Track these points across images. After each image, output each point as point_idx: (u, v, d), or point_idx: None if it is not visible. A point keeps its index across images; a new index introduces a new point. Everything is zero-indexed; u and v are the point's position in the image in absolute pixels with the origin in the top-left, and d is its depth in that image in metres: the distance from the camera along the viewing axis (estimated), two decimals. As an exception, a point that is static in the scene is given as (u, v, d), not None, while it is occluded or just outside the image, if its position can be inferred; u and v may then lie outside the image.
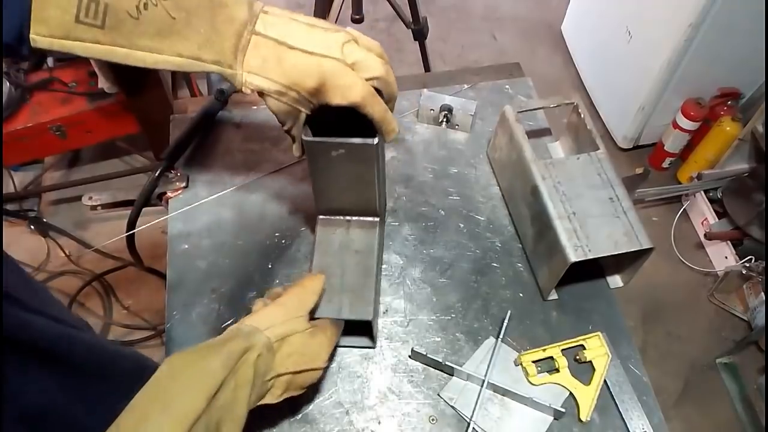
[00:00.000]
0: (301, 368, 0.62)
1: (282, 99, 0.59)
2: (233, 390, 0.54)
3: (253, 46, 0.57)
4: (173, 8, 0.54)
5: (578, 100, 0.89)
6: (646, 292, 1.87)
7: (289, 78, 0.58)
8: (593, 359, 0.77)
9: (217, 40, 0.55)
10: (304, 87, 0.58)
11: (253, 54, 0.57)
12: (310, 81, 0.58)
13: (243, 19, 0.56)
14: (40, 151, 1.84)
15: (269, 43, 0.57)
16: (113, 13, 0.51)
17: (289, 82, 0.58)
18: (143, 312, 1.80)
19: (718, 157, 1.98)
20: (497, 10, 2.74)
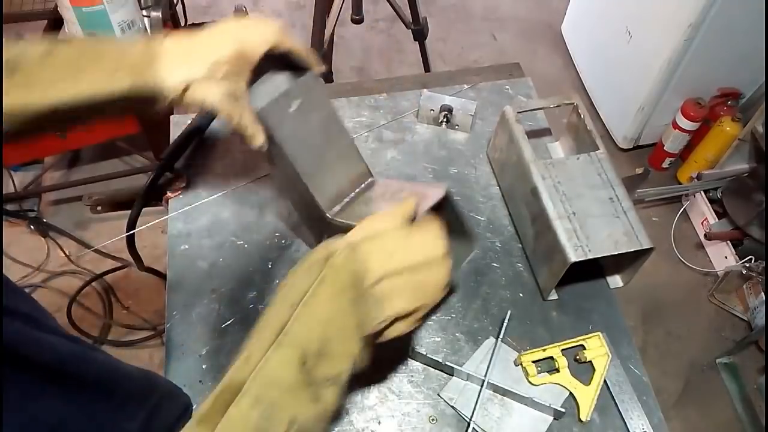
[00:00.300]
0: (414, 263, 0.52)
1: (215, 76, 0.58)
2: (330, 300, 0.48)
3: (163, 53, 0.57)
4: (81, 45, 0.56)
5: (578, 101, 0.89)
6: (646, 292, 1.87)
7: (206, 57, 0.58)
8: (593, 359, 0.77)
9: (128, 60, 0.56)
10: (224, 57, 0.58)
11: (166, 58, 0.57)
12: (225, 48, 0.58)
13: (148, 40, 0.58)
14: (40, 151, 1.84)
15: (172, 42, 0.58)
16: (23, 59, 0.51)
17: (208, 60, 0.57)
18: (143, 312, 1.80)
19: (718, 158, 1.99)
20: (497, 11, 2.74)
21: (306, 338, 0.47)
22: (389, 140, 1.00)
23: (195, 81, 0.57)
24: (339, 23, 1.63)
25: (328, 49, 1.78)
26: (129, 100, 0.56)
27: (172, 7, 1.86)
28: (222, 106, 0.59)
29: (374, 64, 2.52)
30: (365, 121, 1.02)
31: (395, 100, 1.05)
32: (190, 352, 0.78)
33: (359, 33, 2.56)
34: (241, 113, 0.60)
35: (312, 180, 0.68)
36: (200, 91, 0.58)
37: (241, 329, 0.79)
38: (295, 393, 0.45)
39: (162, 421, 0.61)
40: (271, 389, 0.45)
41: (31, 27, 1.98)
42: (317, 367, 0.46)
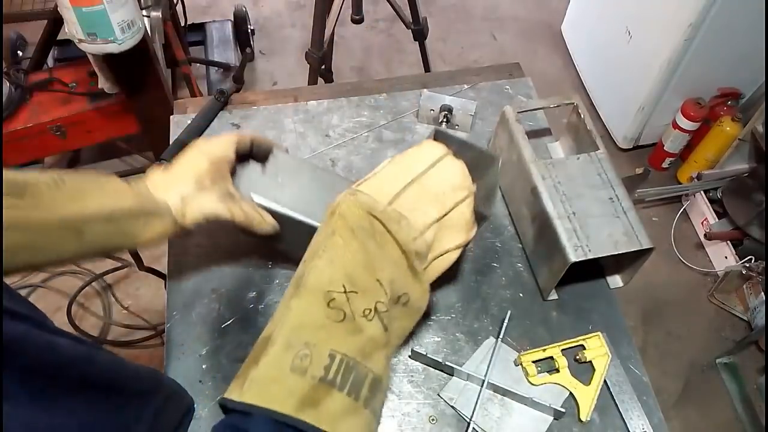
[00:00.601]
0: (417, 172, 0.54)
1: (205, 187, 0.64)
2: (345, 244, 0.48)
3: (152, 187, 0.64)
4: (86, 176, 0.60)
5: (578, 101, 0.89)
6: (646, 292, 1.87)
7: (190, 174, 0.65)
8: (593, 359, 0.77)
9: (127, 190, 0.61)
10: (204, 170, 0.65)
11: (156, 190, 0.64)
12: (202, 162, 0.66)
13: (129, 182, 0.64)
14: (40, 151, 1.84)
15: (157, 175, 0.65)
16: (33, 186, 0.54)
17: (193, 176, 0.65)
18: (143, 312, 1.80)
19: (718, 157, 1.99)
20: (497, 11, 2.74)
21: (327, 281, 0.46)
22: (389, 140, 1.00)
23: (188, 196, 0.64)
24: (339, 23, 1.63)
25: (328, 48, 1.78)
26: (132, 215, 0.60)
27: (172, 7, 1.86)
28: (221, 209, 0.65)
29: (374, 64, 2.52)
30: (365, 121, 1.02)
31: (395, 100, 1.05)
32: (190, 352, 0.78)
33: (359, 33, 2.56)
34: (240, 207, 0.66)
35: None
36: (197, 204, 0.64)
37: (241, 329, 0.79)
38: (329, 329, 0.44)
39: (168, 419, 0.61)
40: (300, 332, 0.44)
41: (31, 27, 1.99)
42: (350, 303, 0.45)
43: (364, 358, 0.43)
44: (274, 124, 1.01)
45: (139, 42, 1.36)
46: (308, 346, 0.42)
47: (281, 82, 2.44)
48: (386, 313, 0.46)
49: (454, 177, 0.55)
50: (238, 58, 2.27)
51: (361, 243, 0.48)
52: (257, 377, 0.42)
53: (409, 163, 0.55)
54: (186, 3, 2.05)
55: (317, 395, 0.40)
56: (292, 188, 0.71)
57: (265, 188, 0.70)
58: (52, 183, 0.56)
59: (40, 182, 0.55)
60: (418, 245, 0.50)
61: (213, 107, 1.01)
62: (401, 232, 0.49)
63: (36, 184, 0.54)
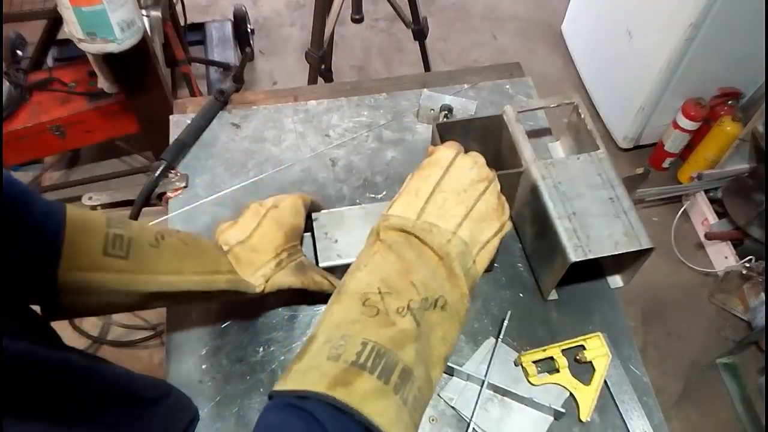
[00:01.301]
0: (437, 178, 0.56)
1: (282, 265, 0.70)
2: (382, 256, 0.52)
3: (234, 261, 0.69)
4: (184, 238, 0.65)
5: (578, 100, 0.89)
6: (646, 292, 1.87)
7: (269, 250, 0.70)
8: (593, 359, 0.77)
9: (222, 258, 0.68)
10: (280, 243, 0.71)
11: (239, 265, 0.69)
12: (278, 236, 0.71)
13: (218, 247, 0.70)
14: (39, 151, 1.84)
15: (238, 248, 0.70)
16: (137, 245, 0.58)
17: (272, 252, 0.70)
18: (143, 313, 1.79)
19: (718, 157, 1.98)
20: (497, 10, 2.74)
21: (364, 285, 0.49)
22: (389, 140, 1.00)
23: (269, 276, 0.69)
24: (339, 22, 1.63)
25: (328, 48, 1.78)
26: (222, 293, 0.66)
27: (171, 6, 1.86)
28: (295, 282, 0.71)
29: (374, 63, 2.52)
30: (365, 120, 1.02)
31: (395, 100, 1.05)
32: (190, 352, 0.77)
33: (359, 32, 2.56)
34: (312, 278, 0.72)
35: None
36: (278, 280, 0.70)
37: (241, 329, 0.79)
38: (363, 322, 0.47)
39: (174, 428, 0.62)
40: (338, 328, 0.47)
41: (31, 26, 1.99)
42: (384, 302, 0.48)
43: (395, 347, 0.45)
44: (273, 124, 1.01)
45: (139, 42, 1.36)
46: (343, 337, 0.45)
47: (281, 81, 2.44)
48: (419, 310, 0.48)
49: (470, 172, 0.57)
50: (238, 57, 2.27)
51: (398, 254, 0.51)
52: (299, 368, 0.45)
53: (427, 173, 0.57)
54: (186, 2, 2.05)
55: (348, 377, 0.43)
56: (343, 239, 0.78)
57: (324, 250, 0.77)
58: (154, 241, 0.61)
59: (144, 241, 0.60)
60: (454, 247, 0.52)
61: (213, 107, 1.01)
62: (434, 239, 0.52)
63: (140, 242, 0.59)
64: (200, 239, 0.68)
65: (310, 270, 0.73)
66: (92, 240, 0.55)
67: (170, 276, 0.61)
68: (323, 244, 0.77)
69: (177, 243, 0.63)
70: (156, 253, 0.60)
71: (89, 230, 0.56)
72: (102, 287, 0.56)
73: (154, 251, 0.60)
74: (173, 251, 0.62)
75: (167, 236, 0.63)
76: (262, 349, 0.78)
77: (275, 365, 0.77)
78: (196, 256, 0.64)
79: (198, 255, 0.65)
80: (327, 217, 0.80)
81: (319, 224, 0.80)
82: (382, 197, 0.92)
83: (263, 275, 0.69)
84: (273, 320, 0.80)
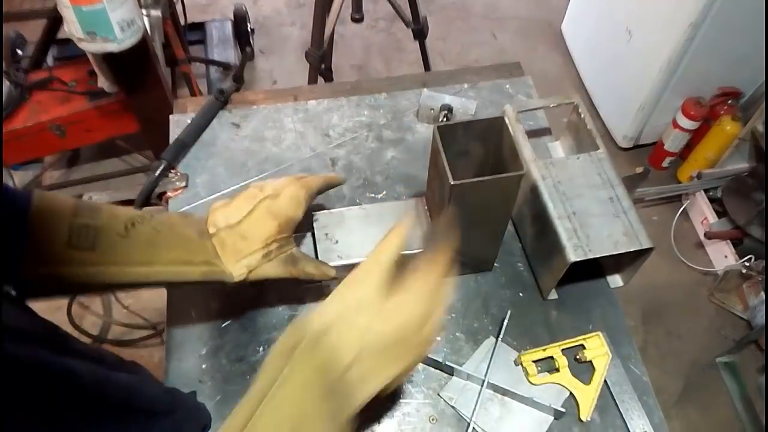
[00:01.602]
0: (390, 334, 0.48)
1: (270, 257, 0.66)
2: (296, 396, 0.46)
3: (220, 246, 0.65)
4: (158, 225, 0.61)
5: (578, 100, 0.89)
6: (646, 292, 1.87)
7: (258, 240, 0.66)
8: (593, 359, 0.77)
9: (199, 247, 0.63)
10: (272, 234, 0.66)
11: (224, 251, 0.65)
12: (271, 226, 0.66)
13: (203, 230, 0.65)
14: (39, 150, 1.84)
15: (225, 233, 0.66)
16: (104, 235, 0.56)
17: (261, 242, 0.66)
18: (143, 311, 1.79)
19: (718, 157, 1.98)
20: (497, 10, 2.73)
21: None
22: (389, 140, 1.00)
23: (255, 266, 0.66)
24: (339, 22, 1.63)
25: (328, 47, 1.78)
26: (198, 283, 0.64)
27: (171, 5, 1.86)
28: (282, 272, 0.68)
29: (374, 63, 2.52)
30: (365, 120, 1.02)
31: (395, 100, 1.05)
32: (190, 352, 0.77)
33: (359, 32, 2.56)
34: (302, 269, 0.69)
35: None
36: (264, 272, 0.66)
37: (241, 329, 0.79)
38: None
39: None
40: None
41: (31, 26, 1.98)
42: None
43: None
44: (273, 124, 1.01)
45: (139, 41, 1.35)
46: None
47: (281, 81, 2.44)
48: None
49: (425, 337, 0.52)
50: (238, 57, 2.27)
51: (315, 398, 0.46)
52: None
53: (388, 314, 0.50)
54: (186, 2, 2.05)
55: None
56: (344, 239, 0.77)
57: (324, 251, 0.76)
58: (123, 231, 0.58)
59: (113, 231, 0.57)
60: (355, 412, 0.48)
61: (213, 106, 1.01)
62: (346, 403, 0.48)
63: (108, 234, 0.57)
64: (176, 224, 0.64)
65: (301, 261, 0.69)
66: (56, 232, 0.53)
67: (140, 267, 0.58)
68: (324, 245, 0.77)
69: (149, 231, 0.60)
70: (125, 243, 0.57)
71: (53, 221, 0.53)
72: (68, 279, 0.55)
73: (123, 241, 0.57)
74: (144, 241, 0.59)
75: (138, 223, 0.59)
76: (262, 349, 0.78)
77: (275, 365, 0.77)
78: (169, 246, 0.61)
79: (171, 244, 0.61)
80: (327, 218, 0.80)
81: (320, 224, 0.80)
82: (382, 197, 0.93)
83: (247, 265, 0.65)
84: (273, 320, 0.80)
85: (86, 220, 0.55)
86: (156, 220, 0.62)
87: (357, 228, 0.78)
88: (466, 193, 0.66)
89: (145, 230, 0.60)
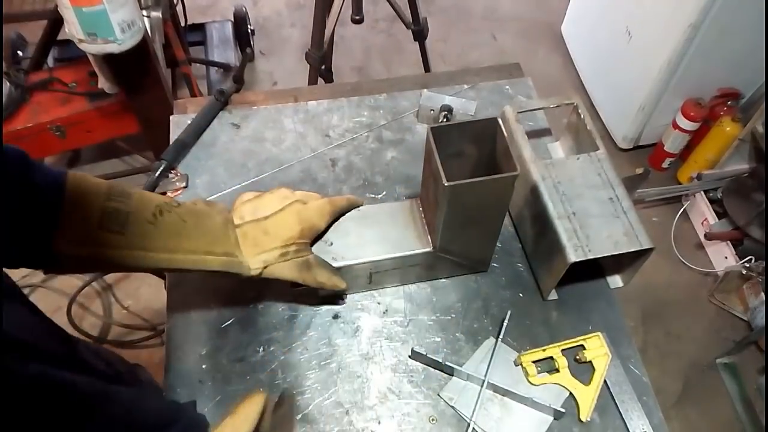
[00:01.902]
0: None
1: (287, 257, 0.69)
2: None
3: (242, 237, 0.68)
4: (184, 214, 0.63)
5: (578, 101, 0.89)
6: (646, 292, 1.87)
7: (280, 238, 0.68)
8: (593, 359, 0.77)
9: (222, 238, 0.66)
10: (293, 236, 0.69)
11: (245, 243, 0.68)
12: (294, 228, 0.69)
13: (228, 219, 0.68)
14: (39, 151, 1.84)
15: (250, 226, 0.69)
16: (134, 220, 0.58)
17: (281, 241, 0.68)
18: (143, 312, 1.79)
19: (718, 158, 1.98)
20: (497, 11, 2.74)
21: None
22: (389, 140, 1.00)
23: (271, 263, 0.68)
24: (339, 23, 1.63)
25: (328, 49, 1.78)
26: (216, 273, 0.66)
27: (172, 7, 1.86)
28: (296, 276, 0.70)
29: (374, 64, 2.52)
30: (365, 121, 1.02)
31: (395, 100, 1.05)
32: (190, 352, 0.78)
33: (359, 33, 2.56)
34: (314, 277, 0.71)
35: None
36: (278, 271, 0.69)
37: (241, 329, 0.79)
38: None
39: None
40: None
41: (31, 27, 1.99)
42: None
43: None
44: (274, 124, 1.01)
45: (139, 42, 1.36)
46: None
47: (281, 82, 2.44)
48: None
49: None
50: (238, 58, 2.27)
51: None
52: None
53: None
54: (186, 3, 2.05)
55: None
56: (338, 241, 0.77)
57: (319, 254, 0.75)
58: (152, 218, 0.60)
59: (142, 217, 0.59)
60: None
61: (213, 107, 1.01)
62: None
63: (138, 219, 0.59)
64: (202, 214, 0.66)
65: (315, 268, 0.72)
66: (89, 213, 0.55)
67: (163, 254, 0.61)
68: (318, 247, 0.76)
69: (175, 221, 0.62)
70: (152, 230, 0.60)
71: (87, 202, 0.55)
72: (95, 259, 0.56)
73: (151, 228, 0.60)
74: (170, 229, 0.61)
75: (166, 212, 0.62)
76: (262, 349, 0.78)
77: (275, 365, 0.77)
78: (193, 235, 0.63)
79: (195, 234, 0.64)
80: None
81: None
82: (382, 197, 0.93)
83: (264, 260, 0.68)
84: (273, 320, 0.80)
85: (118, 204, 0.58)
86: (183, 208, 0.64)
87: (352, 230, 0.78)
88: (460, 194, 0.66)
89: (172, 219, 0.62)
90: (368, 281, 0.80)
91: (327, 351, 0.78)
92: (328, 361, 0.77)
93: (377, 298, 0.83)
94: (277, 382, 0.76)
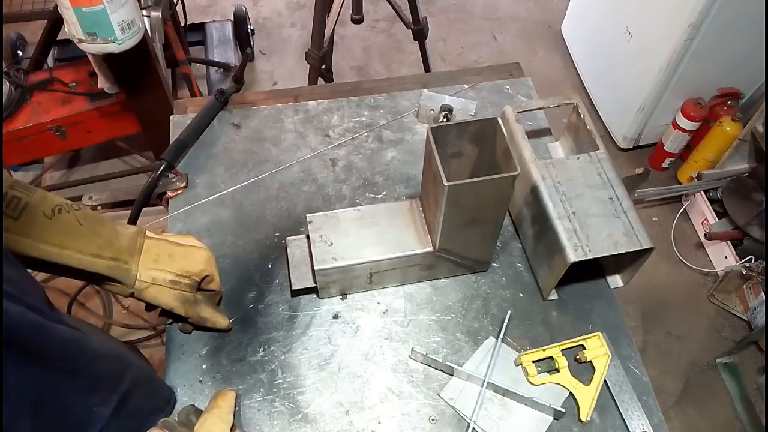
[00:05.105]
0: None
1: (176, 287, 0.70)
2: None
3: (146, 249, 0.70)
4: (81, 217, 0.66)
5: (578, 101, 0.89)
6: (646, 292, 1.87)
7: (179, 266, 0.70)
8: (593, 359, 0.77)
9: (115, 243, 0.68)
10: (193, 271, 0.71)
11: (146, 255, 0.69)
12: (197, 266, 0.71)
13: (136, 229, 0.71)
14: (40, 151, 1.84)
15: (161, 243, 0.71)
16: (30, 211, 0.62)
17: (179, 269, 0.70)
18: (143, 312, 1.79)
19: (718, 157, 1.98)
20: (497, 11, 2.74)
21: None
22: (389, 140, 1.00)
23: (158, 285, 0.69)
24: (339, 23, 1.63)
25: (328, 48, 1.78)
26: (101, 276, 0.68)
27: (172, 6, 1.86)
28: (178, 308, 0.71)
29: (374, 64, 2.52)
30: (365, 121, 1.02)
31: (395, 100, 1.05)
32: (190, 352, 0.78)
33: (359, 33, 2.56)
34: (198, 313, 0.73)
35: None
36: (161, 296, 0.70)
37: (241, 329, 0.79)
38: None
39: (136, 408, 0.63)
40: None
41: (31, 27, 1.99)
42: None
43: None
44: (274, 124, 1.01)
45: (139, 42, 1.35)
46: None
47: (281, 82, 2.44)
48: None
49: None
50: (238, 58, 2.27)
51: None
52: None
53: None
54: (186, 3, 2.05)
55: None
56: (339, 241, 0.78)
57: (320, 254, 0.76)
58: (49, 213, 0.63)
59: (39, 210, 0.63)
60: None
61: (213, 107, 1.01)
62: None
63: (35, 209, 0.62)
64: (99, 221, 0.68)
65: (199, 305, 0.73)
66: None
67: (53, 248, 0.64)
68: (319, 248, 0.77)
69: (71, 221, 0.65)
70: (47, 223, 0.63)
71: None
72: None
73: (46, 222, 0.63)
74: (64, 227, 0.64)
75: (65, 212, 0.65)
76: (262, 349, 0.78)
77: (275, 365, 0.77)
78: (86, 237, 0.66)
79: (88, 236, 0.66)
80: (322, 219, 0.80)
81: (314, 227, 0.79)
82: (382, 197, 0.93)
83: (153, 278, 0.69)
84: (273, 320, 0.81)
85: (19, 194, 0.62)
86: (83, 212, 0.67)
87: (352, 230, 0.78)
88: (459, 193, 0.66)
89: (68, 219, 0.65)
90: (368, 281, 0.80)
91: (327, 351, 0.78)
92: (328, 361, 0.77)
93: (377, 298, 0.83)
94: (277, 382, 0.76)
